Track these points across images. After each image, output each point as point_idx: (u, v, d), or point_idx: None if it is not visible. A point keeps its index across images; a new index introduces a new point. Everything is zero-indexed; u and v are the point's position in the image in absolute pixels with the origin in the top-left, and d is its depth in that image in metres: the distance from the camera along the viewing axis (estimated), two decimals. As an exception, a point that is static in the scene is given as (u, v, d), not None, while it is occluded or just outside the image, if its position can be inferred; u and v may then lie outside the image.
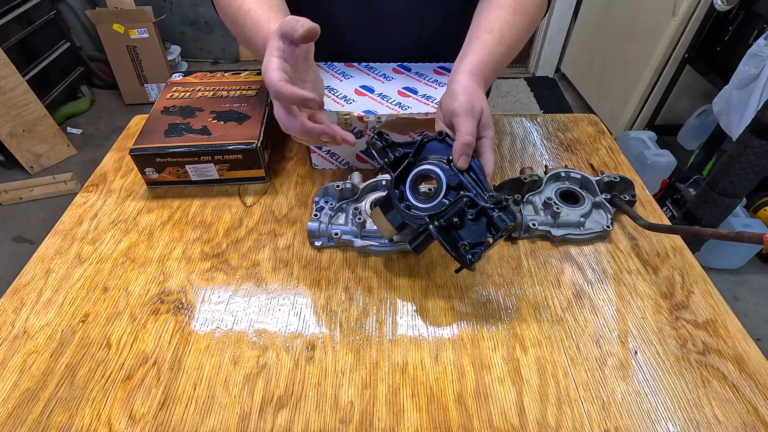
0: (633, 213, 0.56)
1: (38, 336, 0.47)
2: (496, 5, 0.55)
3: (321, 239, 0.56)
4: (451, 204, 0.44)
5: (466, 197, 0.44)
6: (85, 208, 0.62)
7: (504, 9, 0.55)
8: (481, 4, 0.58)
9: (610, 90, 2.20)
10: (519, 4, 0.55)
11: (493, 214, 0.43)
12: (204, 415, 0.41)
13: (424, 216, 0.44)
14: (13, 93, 1.85)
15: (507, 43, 0.53)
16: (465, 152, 0.44)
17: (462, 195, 0.44)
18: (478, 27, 0.54)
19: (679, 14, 1.70)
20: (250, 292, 0.52)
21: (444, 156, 0.46)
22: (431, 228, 0.44)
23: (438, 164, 0.46)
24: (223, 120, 0.64)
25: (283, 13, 0.53)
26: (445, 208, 0.44)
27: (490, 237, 0.43)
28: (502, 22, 0.54)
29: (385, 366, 0.45)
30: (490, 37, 0.52)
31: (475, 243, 0.44)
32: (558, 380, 0.44)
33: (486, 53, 0.51)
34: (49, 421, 0.41)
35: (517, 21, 0.55)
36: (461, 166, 0.44)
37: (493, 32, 0.53)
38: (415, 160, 0.47)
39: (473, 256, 0.43)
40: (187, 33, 2.78)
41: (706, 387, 0.43)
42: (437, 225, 0.44)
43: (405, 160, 0.47)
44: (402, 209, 0.46)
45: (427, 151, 0.47)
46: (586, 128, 0.78)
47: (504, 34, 0.53)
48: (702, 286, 0.52)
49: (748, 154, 1.13)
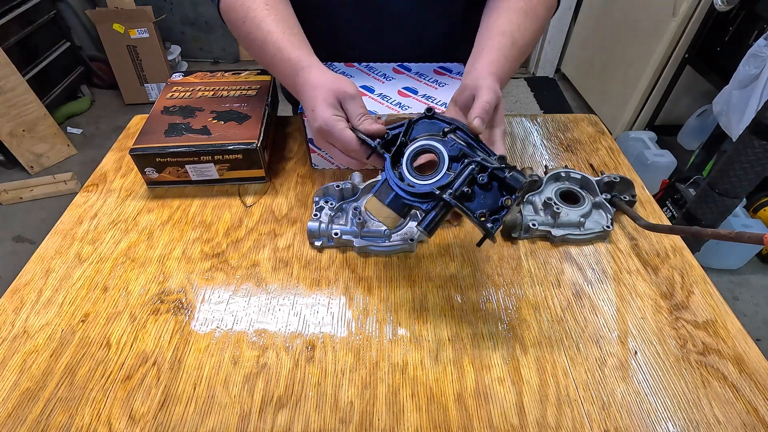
0: (633, 213, 0.56)
1: (38, 336, 0.47)
2: (506, 8, 0.55)
3: (321, 239, 0.56)
4: (459, 172, 0.41)
5: (474, 162, 0.41)
6: (85, 208, 0.62)
7: (516, 12, 0.54)
8: (490, 6, 0.57)
9: (610, 90, 2.20)
10: (530, 7, 0.55)
11: (506, 175, 0.40)
12: (204, 415, 0.41)
13: (434, 190, 0.41)
14: (13, 93, 1.85)
15: (519, 46, 0.53)
16: (481, 115, 0.42)
17: (470, 161, 0.41)
18: (489, 30, 0.54)
19: (679, 14, 1.70)
20: (250, 292, 0.52)
21: (435, 132, 0.44)
22: (446, 197, 0.40)
23: (433, 139, 0.43)
24: (223, 120, 0.64)
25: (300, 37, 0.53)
26: (452, 179, 0.41)
27: (508, 199, 0.41)
28: (514, 26, 0.53)
29: (384, 366, 0.45)
30: (503, 40, 0.52)
31: (492, 211, 0.42)
32: (558, 380, 0.44)
33: (501, 56, 0.51)
34: (49, 421, 0.41)
35: (528, 24, 0.54)
36: (476, 127, 0.42)
37: (505, 35, 0.52)
38: (406, 139, 0.45)
39: (494, 223, 0.41)
40: (187, 33, 2.78)
41: (706, 387, 0.43)
42: (451, 194, 0.41)
43: (397, 141, 0.44)
44: (405, 190, 0.43)
45: (416, 131, 0.45)
46: (586, 128, 0.78)
47: (516, 38, 0.53)
48: (702, 286, 0.52)
49: (748, 155, 1.13)
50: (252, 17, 0.53)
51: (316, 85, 0.47)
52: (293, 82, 0.50)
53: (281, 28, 0.52)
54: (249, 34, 0.54)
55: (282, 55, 0.51)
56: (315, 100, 0.46)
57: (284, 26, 0.53)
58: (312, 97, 0.47)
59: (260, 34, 0.53)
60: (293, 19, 0.56)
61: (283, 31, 0.52)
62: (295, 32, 0.53)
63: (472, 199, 0.41)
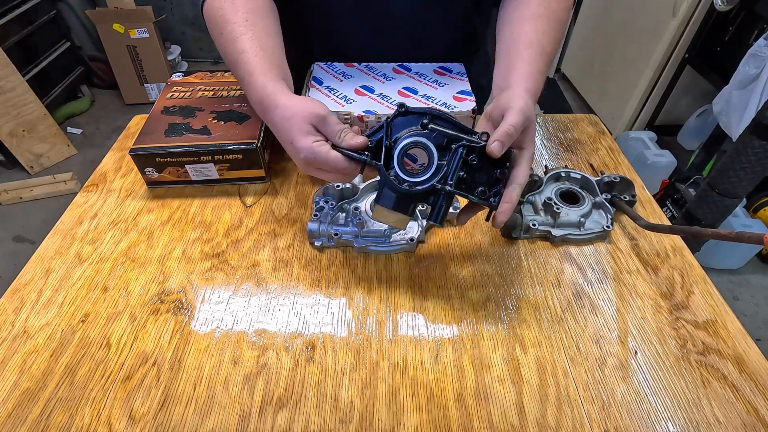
0: (633, 213, 0.56)
1: (38, 336, 0.47)
2: (530, 16, 0.52)
3: (321, 239, 0.56)
4: (450, 159, 0.43)
5: (461, 146, 0.42)
6: (85, 208, 0.62)
7: (539, 20, 0.52)
8: (509, 14, 0.55)
9: (610, 90, 2.20)
10: (551, 11, 0.53)
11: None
12: (204, 415, 0.41)
13: (434, 185, 0.43)
14: (13, 93, 1.85)
15: (547, 54, 0.51)
16: (501, 139, 0.41)
17: (456, 146, 0.43)
18: (515, 41, 0.51)
19: (679, 14, 1.70)
20: (250, 292, 0.52)
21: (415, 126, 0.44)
22: (449, 188, 0.42)
23: (416, 134, 0.44)
24: (223, 120, 0.64)
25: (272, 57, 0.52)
26: (446, 169, 0.43)
27: (502, 171, 0.43)
28: (541, 35, 0.51)
29: (385, 366, 0.45)
30: (532, 52, 0.50)
31: (490, 186, 0.44)
32: (558, 380, 0.44)
33: (533, 69, 0.49)
34: (49, 421, 0.41)
35: (553, 30, 0.53)
36: (491, 150, 0.41)
37: (533, 46, 0.50)
38: (390, 142, 0.44)
39: (495, 197, 0.43)
40: (187, 33, 2.78)
41: (706, 387, 0.43)
42: (452, 185, 0.42)
43: (381, 147, 0.44)
44: (408, 191, 0.43)
45: (397, 130, 0.45)
46: (586, 128, 0.78)
47: (544, 46, 0.51)
48: (702, 286, 0.52)
49: (748, 155, 1.13)
50: (229, 31, 0.52)
51: (286, 117, 0.45)
52: (262, 110, 0.49)
53: (255, 48, 0.50)
54: (224, 48, 0.53)
55: (251, 79, 0.49)
56: (290, 132, 0.45)
57: (258, 46, 0.51)
58: (286, 129, 0.45)
59: (234, 51, 0.51)
60: (271, 37, 0.54)
61: (256, 53, 0.50)
62: (269, 53, 0.51)
63: (469, 180, 0.43)
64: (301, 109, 0.45)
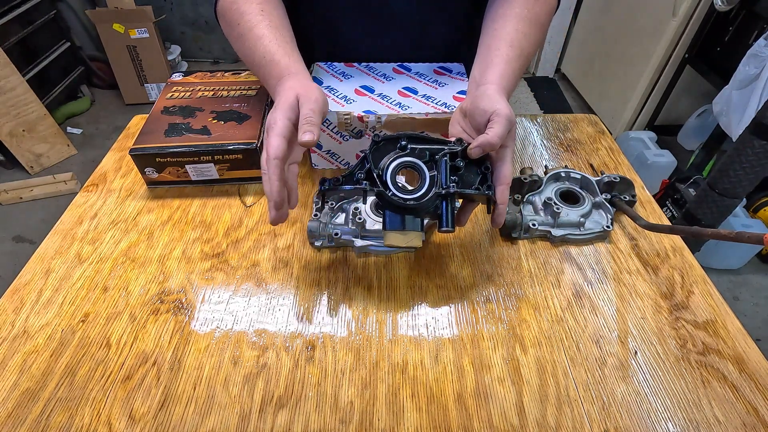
0: (633, 213, 0.56)
1: (38, 336, 0.47)
2: (512, 15, 0.54)
3: (321, 239, 0.56)
4: (438, 169, 0.45)
5: (444, 156, 0.45)
6: (85, 208, 0.62)
7: (521, 20, 0.54)
8: (494, 12, 0.56)
9: (610, 90, 2.20)
10: (534, 14, 0.55)
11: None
12: (204, 415, 0.41)
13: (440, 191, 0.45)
14: (13, 93, 1.85)
15: (525, 56, 0.53)
16: (483, 147, 0.44)
17: (439, 157, 0.45)
18: (496, 38, 0.53)
19: (679, 14, 1.70)
20: (250, 292, 0.52)
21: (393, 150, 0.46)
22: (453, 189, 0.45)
23: (399, 156, 0.45)
24: (223, 120, 0.64)
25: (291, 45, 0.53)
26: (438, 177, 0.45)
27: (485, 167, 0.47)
28: (521, 35, 0.53)
29: (384, 366, 0.45)
30: (511, 52, 0.52)
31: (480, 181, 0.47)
32: (558, 380, 0.44)
33: (510, 69, 0.51)
34: (48, 421, 0.41)
35: (533, 33, 0.54)
36: (471, 153, 0.45)
37: (513, 46, 0.52)
38: (380, 170, 0.45)
39: (489, 189, 0.46)
40: (187, 33, 2.78)
41: (706, 387, 0.43)
42: (453, 186, 0.45)
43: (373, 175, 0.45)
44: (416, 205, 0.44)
45: (381, 158, 0.46)
46: (586, 128, 0.78)
47: (523, 48, 0.53)
48: (702, 286, 0.52)
49: (748, 155, 1.13)
50: (246, 20, 0.53)
51: (289, 87, 0.47)
52: (275, 83, 0.50)
53: (273, 34, 0.52)
54: (241, 37, 0.54)
55: (271, 58, 0.51)
56: (280, 98, 0.46)
57: (277, 33, 0.53)
58: (280, 95, 0.47)
59: (251, 37, 0.53)
60: (286, 28, 0.55)
61: (275, 38, 0.52)
62: (287, 40, 0.53)
63: (461, 182, 0.46)
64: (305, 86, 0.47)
